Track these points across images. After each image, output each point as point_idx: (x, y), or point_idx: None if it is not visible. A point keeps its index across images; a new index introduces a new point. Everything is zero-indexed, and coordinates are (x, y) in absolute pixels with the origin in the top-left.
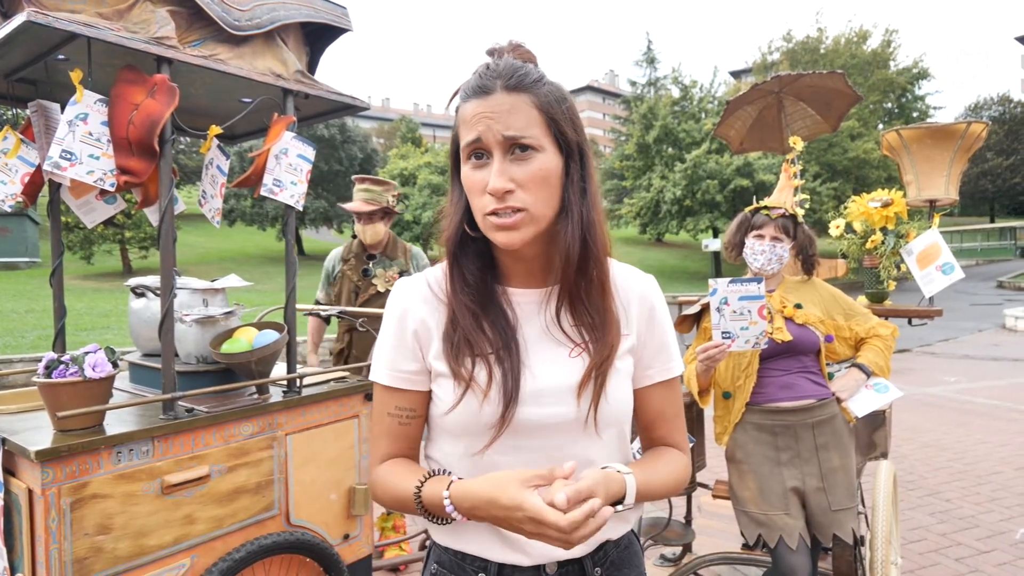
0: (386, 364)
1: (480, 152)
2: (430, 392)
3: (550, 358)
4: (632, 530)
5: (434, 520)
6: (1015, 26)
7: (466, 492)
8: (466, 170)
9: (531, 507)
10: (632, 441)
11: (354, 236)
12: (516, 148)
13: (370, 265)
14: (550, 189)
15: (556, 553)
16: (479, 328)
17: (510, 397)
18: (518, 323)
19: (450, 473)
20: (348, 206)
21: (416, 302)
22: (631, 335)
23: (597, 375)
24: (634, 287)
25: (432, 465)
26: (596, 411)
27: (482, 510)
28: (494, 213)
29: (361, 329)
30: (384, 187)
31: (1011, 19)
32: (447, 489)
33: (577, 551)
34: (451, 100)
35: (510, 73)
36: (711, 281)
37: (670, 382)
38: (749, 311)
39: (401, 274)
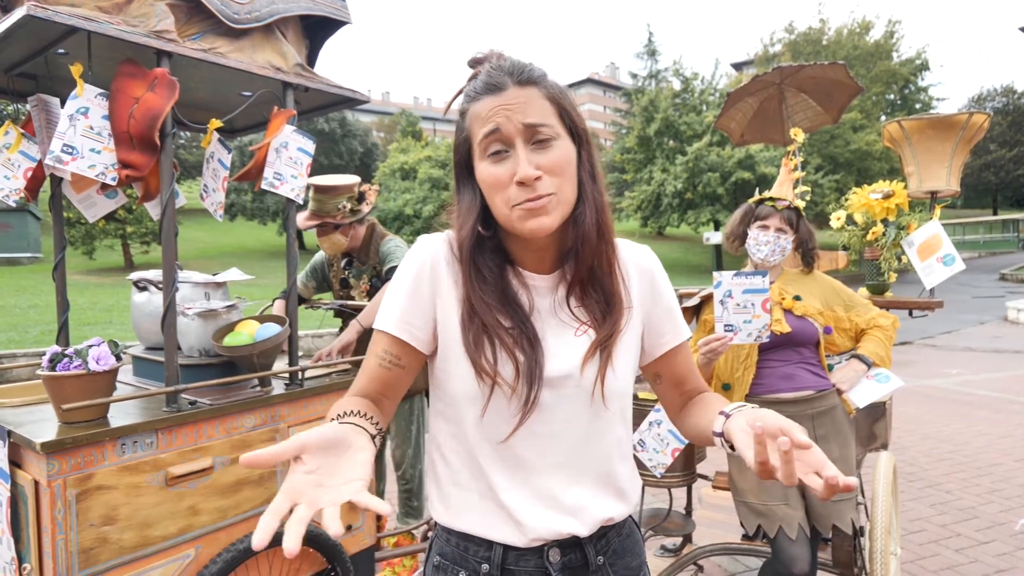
0: (395, 314)
1: (499, 144)
2: (423, 356)
3: (559, 339)
4: (633, 519)
5: None
6: (1019, 16)
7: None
8: (484, 166)
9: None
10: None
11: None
12: (536, 137)
13: (347, 275)
14: (571, 175)
15: (558, 528)
16: (496, 321)
17: (533, 386)
18: (533, 308)
19: (356, 414)
20: (300, 224)
21: (436, 260)
22: (633, 307)
23: (603, 351)
24: (631, 259)
25: (447, 446)
26: (603, 384)
27: None
28: (521, 203)
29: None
30: (332, 194)
31: (1015, 9)
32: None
33: (577, 530)
34: (450, 104)
35: (519, 69)
36: (716, 274)
37: (684, 343)
38: (753, 304)
39: (371, 282)
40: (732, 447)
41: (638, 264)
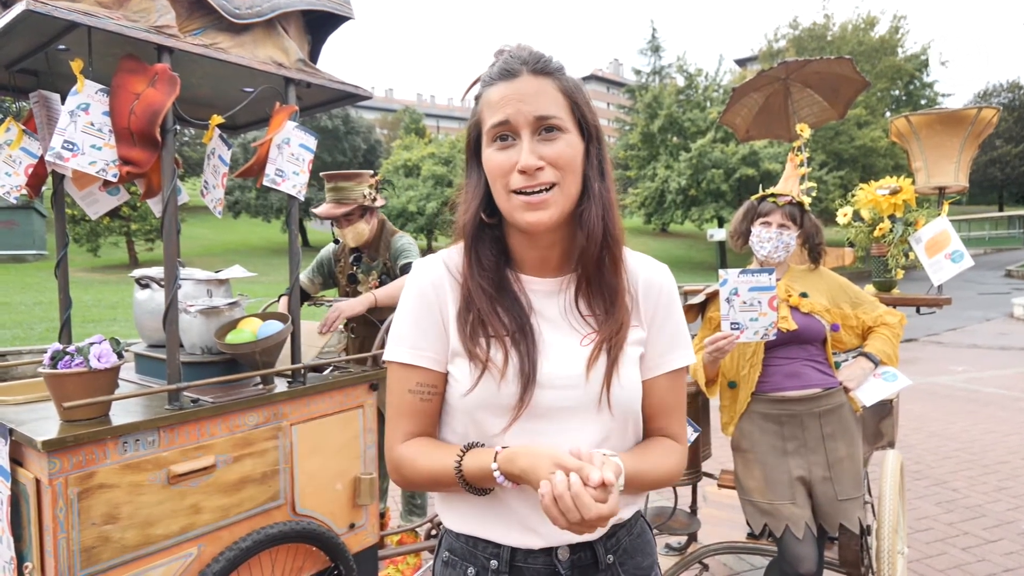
0: (407, 343)
1: (507, 134)
2: (447, 374)
3: (564, 344)
4: (644, 518)
5: (473, 491)
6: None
7: (511, 461)
8: (490, 152)
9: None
10: None
11: (336, 240)
12: (544, 129)
13: (355, 270)
14: (575, 169)
15: (568, 536)
16: (493, 311)
17: (527, 379)
18: (532, 309)
19: (483, 444)
20: (319, 211)
21: (436, 282)
22: (640, 325)
23: (609, 354)
24: (642, 274)
25: None
26: (609, 393)
27: (526, 478)
28: (522, 192)
29: (352, 335)
30: (356, 180)
31: (1020, 4)
32: (495, 461)
33: (589, 536)
34: (468, 90)
35: (535, 59)
36: (721, 271)
37: (678, 372)
38: (759, 302)
39: (380, 278)
40: None
41: (649, 280)
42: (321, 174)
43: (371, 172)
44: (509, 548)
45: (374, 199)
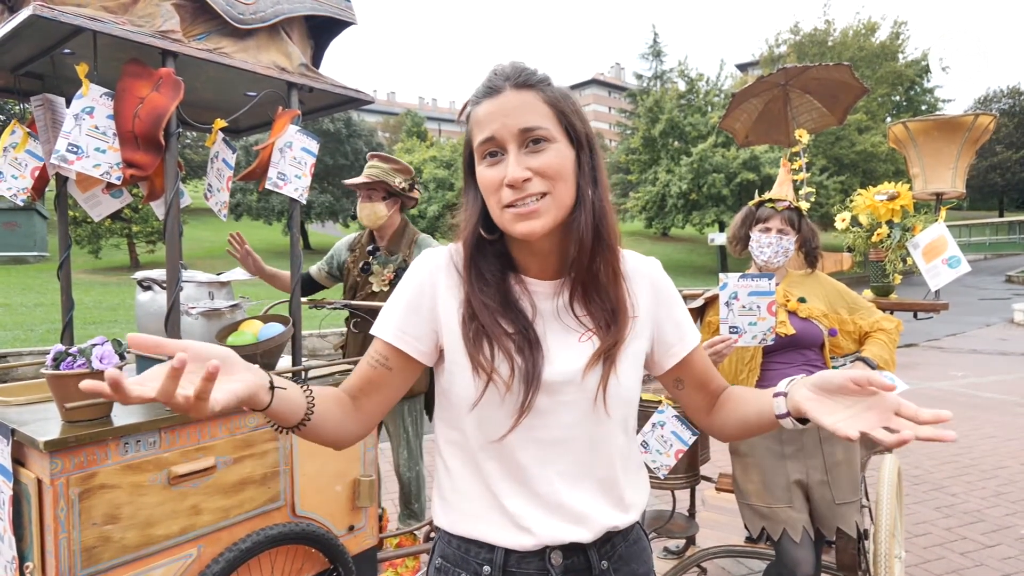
0: (393, 323)
1: (495, 150)
2: (417, 365)
3: (562, 344)
4: (641, 526)
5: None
6: None
7: None
8: (481, 169)
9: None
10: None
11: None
12: (530, 141)
13: (370, 260)
14: (566, 178)
15: (561, 536)
16: (496, 323)
17: (531, 384)
18: (535, 313)
19: (300, 383)
20: (348, 181)
21: (439, 274)
22: (640, 317)
23: (607, 358)
24: (639, 269)
25: (447, 452)
26: (606, 391)
27: None
28: (512, 205)
29: (354, 331)
30: (393, 165)
31: (1022, 9)
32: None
33: (582, 537)
34: (462, 112)
35: (517, 73)
36: (721, 275)
37: (698, 347)
38: (758, 307)
39: (397, 272)
40: (803, 421)
41: (646, 275)
42: (368, 154)
43: (411, 168)
44: (502, 551)
45: (403, 189)
